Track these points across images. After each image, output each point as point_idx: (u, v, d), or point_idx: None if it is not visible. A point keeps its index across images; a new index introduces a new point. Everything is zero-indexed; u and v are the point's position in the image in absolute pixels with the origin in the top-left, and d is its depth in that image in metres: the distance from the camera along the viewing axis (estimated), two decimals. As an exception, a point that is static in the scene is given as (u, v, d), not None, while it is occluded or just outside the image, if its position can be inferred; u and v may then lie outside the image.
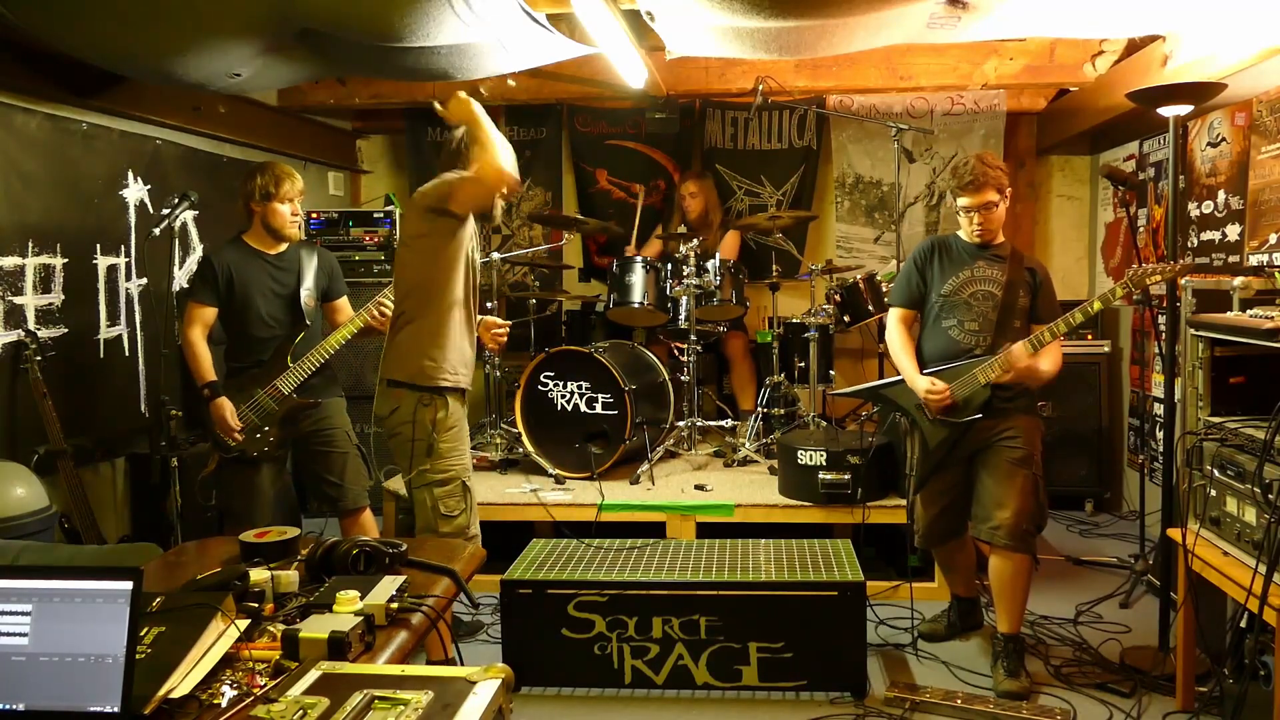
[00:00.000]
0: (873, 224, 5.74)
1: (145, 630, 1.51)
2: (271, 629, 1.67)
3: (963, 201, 3.16)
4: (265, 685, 1.46)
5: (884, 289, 4.52)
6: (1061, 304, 3.27)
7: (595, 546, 3.41)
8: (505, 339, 3.33)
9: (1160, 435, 4.54)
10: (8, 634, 1.42)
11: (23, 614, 1.43)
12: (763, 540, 3.45)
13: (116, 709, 1.37)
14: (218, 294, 3.39)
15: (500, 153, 2.84)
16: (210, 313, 3.41)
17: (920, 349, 3.29)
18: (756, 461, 4.60)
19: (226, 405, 3.32)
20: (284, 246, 3.49)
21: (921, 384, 3.16)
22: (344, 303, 3.63)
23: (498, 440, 4.76)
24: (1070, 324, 3.01)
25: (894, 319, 3.35)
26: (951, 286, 3.20)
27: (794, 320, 4.90)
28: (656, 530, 3.83)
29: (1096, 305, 3.01)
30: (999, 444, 3.13)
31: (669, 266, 4.71)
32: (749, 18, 2.95)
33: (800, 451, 3.95)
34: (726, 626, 3.05)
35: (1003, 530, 3.05)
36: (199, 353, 3.36)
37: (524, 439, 4.46)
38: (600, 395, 4.35)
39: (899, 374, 3.29)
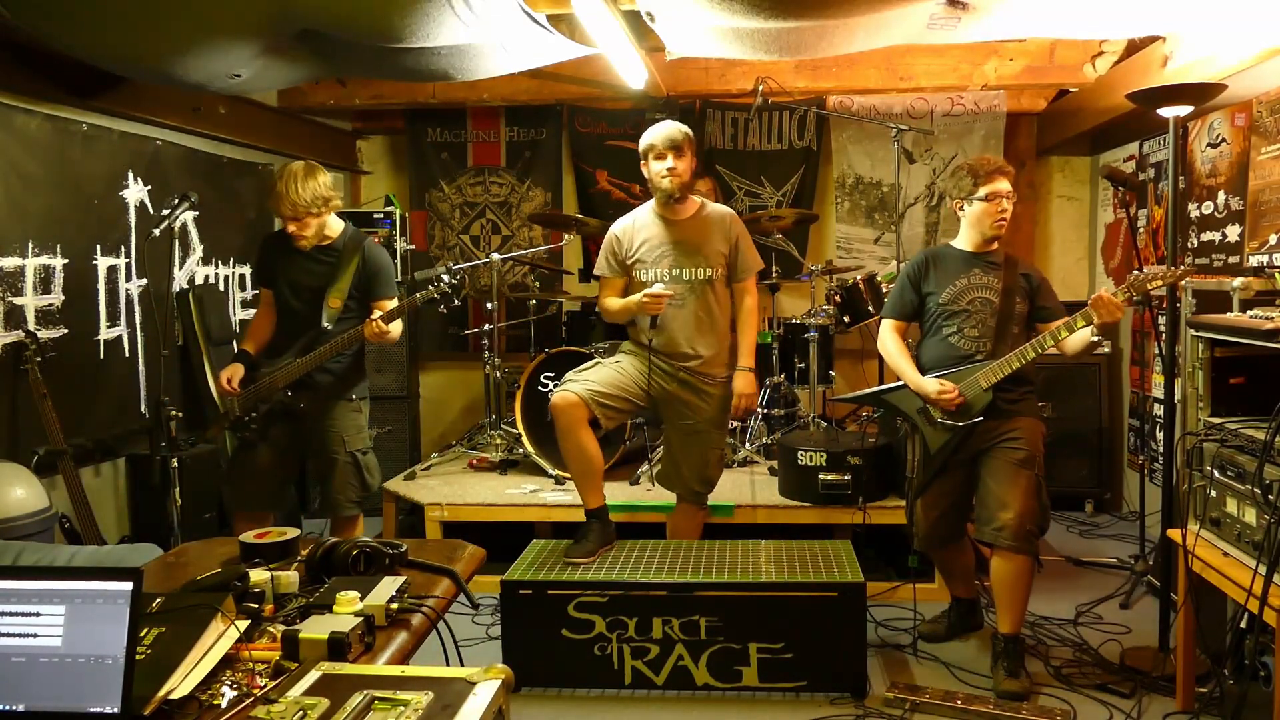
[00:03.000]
0: (873, 225, 5.74)
1: (145, 631, 1.51)
2: (271, 630, 1.66)
3: (990, 189, 3.12)
4: (265, 686, 1.46)
5: (884, 290, 4.52)
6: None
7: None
8: (656, 302, 3.35)
9: (1160, 436, 4.54)
10: (39, 635, 1.42)
11: (55, 615, 1.42)
12: (763, 540, 3.45)
13: (116, 709, 1.37)
14: (262, 277, 3.50)
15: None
16: (266, 293, 3.50)
17: (920, 357, 3.29)
18: (756, 462, 4.60)
19: (232, 367, 3.38)
20: (327, 239, 3.40)
21: (930, 386, 3.15)
22: (385, 305, 3.40)
23: (498, 441, 4.76)
24: (1073, 328, 3.01)
25: (887, 328, 3.35)
26: (950, 295, 3.19)
27: (794, 321, 4.91)
28: (657, 530, 3.83)
29: None
30: (1001, 445, 3.13)
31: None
32: (749, 18, 2.95)
33: (800, 452, 3.95)
34: (726, 627, 3.05)
35: (1006, 531, 3.05)
36: (251, 325, 3.54)
37: (524, 439, 4.46)
38: (600, 396, 4.34)
39: (899, 379, 3.29)
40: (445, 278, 3.36)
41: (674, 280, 3.43)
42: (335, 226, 3.42)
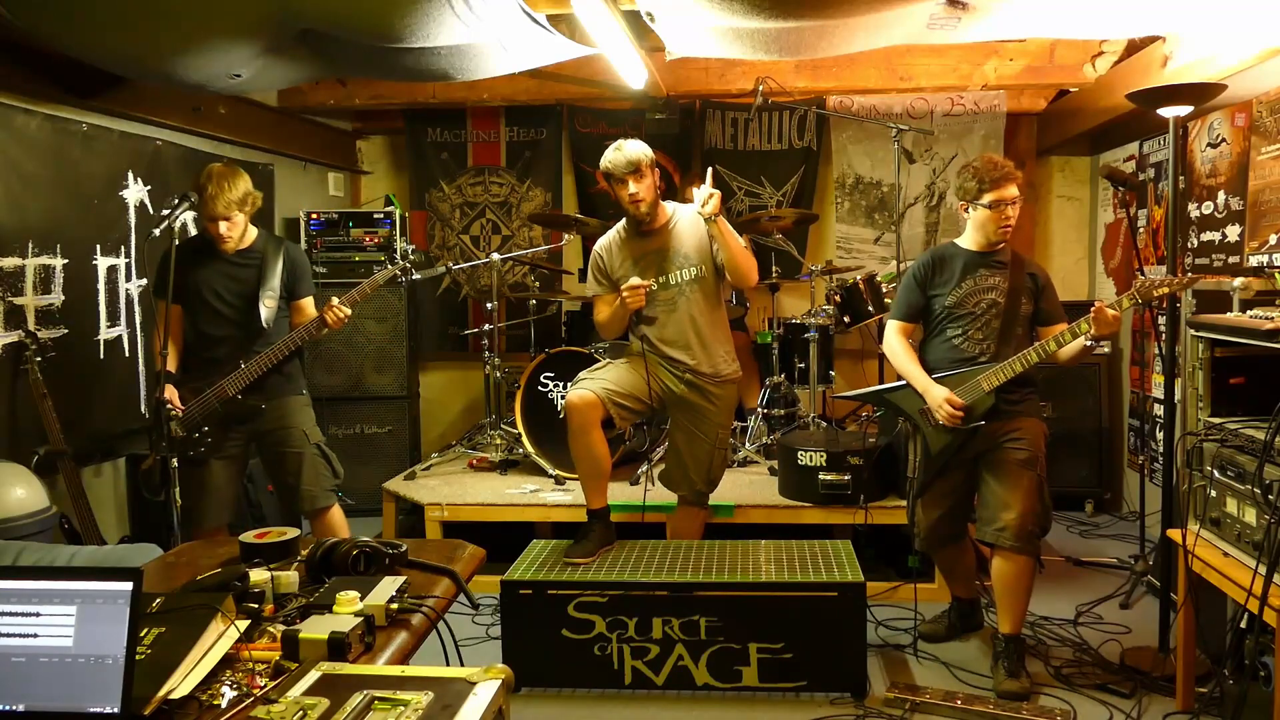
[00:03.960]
0: (873, 225, 5.74)
1: (145, 631, 1.51)
2: (271, 630, 1.67)
3: (995, 196, 3.11)
4: (265, 686, 1.46)
5: (884, 290, 4.52)
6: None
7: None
8: (636, 295, 3.38)
9: (1160, 436, 4.54)
10: (39, 635, 1.42)
11: (63, 615, 1.42)
12: (763, 540, 3.45)
13: (116, 709, 1.37)
14: (174, 288, 3.33)
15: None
16: (173, 308, 3.35)
17: (923, 357, 3.29)
18: (756, 462, 4.60)
19: (168, 389, 3.25)
20: (246, 243, 3.39)
21: (938, 394, 3.14)
22: (307, 303, 3.50)
23: (498, 441, 4.76)
24: (1077, 333, 3.01)
25: (893, 330, 3.33)
26: (956, 298, 3.18)
27: (794, 321, 4.90)
28: (657, 530, 3.83)
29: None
30: (1004, 446, 3.12)
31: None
32: (749, 18, 2.95)
33: (800, 452, 3.95)
34: (726, 627, 3.05)
35: (1009, 532, 3.05)
36: (157, 346, 3.33)
37: (524, 439, 4.46)
38: (600, 396, 4.34)
39: (900, 379, 3.29)
40: (399, 260, 3.41)
41: (662, 287, 3.45)
42: (251, 229, 3.43)
